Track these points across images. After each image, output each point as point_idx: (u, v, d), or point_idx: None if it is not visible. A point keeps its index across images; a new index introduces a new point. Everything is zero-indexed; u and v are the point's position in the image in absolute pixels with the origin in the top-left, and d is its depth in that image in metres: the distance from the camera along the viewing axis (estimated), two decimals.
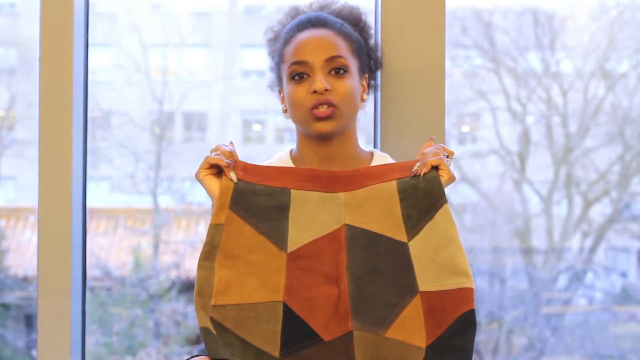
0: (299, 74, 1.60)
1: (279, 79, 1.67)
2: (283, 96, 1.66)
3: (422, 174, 1.51)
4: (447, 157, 1.55)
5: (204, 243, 1.51)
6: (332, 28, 1.63)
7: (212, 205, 1.53)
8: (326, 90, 1.57)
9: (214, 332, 1.48)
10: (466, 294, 1.48)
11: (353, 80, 1.61)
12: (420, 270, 1.48)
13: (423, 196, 1.50)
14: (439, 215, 1.50)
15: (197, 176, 1.54)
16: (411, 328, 1.47)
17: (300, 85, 1.60)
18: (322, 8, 1.73)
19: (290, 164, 1.65)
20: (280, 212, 1.51)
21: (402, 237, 1.50)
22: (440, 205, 1.50)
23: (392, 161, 1.67)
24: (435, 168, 1.52)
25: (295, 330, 1.47)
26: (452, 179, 1.53)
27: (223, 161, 1.52)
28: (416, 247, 1.49)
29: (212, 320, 1.48)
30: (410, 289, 1.47)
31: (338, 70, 1.59)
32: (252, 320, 1.47)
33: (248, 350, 1.47)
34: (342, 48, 1.61)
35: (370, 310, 1.47)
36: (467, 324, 1.48)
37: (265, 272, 1.49)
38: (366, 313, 1.47)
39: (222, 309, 1.48)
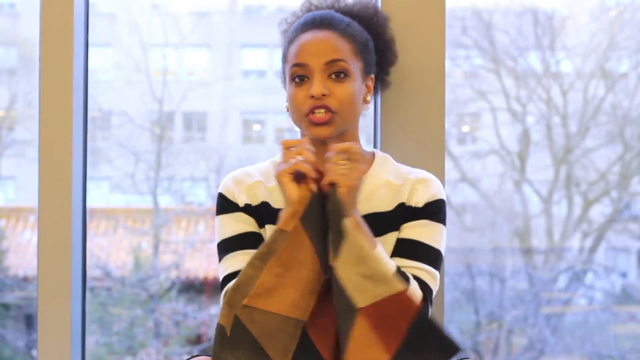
0: (299, 76, 1.57)
1: (284, 77, 1.65)
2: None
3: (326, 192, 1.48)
4: (348, 158, 1.49)
5: (264, 243, 1.48)
6: (336, 29, 1.60)
7: (283, 209, 1.49)
8: (324, 95, 1.56)
9: (229, 333, 1.47)
10: (402, 297, 1.46)
11: (354, 84, 1.58)
12: (352, 289, 1.48)
13: (333, 217, 1.48)
14: (347, 232, 1.48)
15: (278, 178, 1.49)
16: (365, 345, 1.46)
17: (300, 88, 1.58)
18: (335, 1, 1.71)
19: None
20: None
21: (331, 261, 1.50)
22: (344, 223, 1.47)
23: (393, 162, 1.66)
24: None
25: (306, 353, 1.47)
26: (354, 188, 1.47)
27: (312, 172, 1.47)
28: (341, 269, 1.48)
29: (236, 318, 1.47)
30: (351, 310, 1.47)
31: (338, 74, 1.56)
32: (278, 331, 1.47)
33: (258, 359, 1.47)
34: (344, 51, 1.58)
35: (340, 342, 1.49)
36: (422, 323, 1.46)
37: (305, 290, 1.49)
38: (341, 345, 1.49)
39: (252, 311, 1.47)
